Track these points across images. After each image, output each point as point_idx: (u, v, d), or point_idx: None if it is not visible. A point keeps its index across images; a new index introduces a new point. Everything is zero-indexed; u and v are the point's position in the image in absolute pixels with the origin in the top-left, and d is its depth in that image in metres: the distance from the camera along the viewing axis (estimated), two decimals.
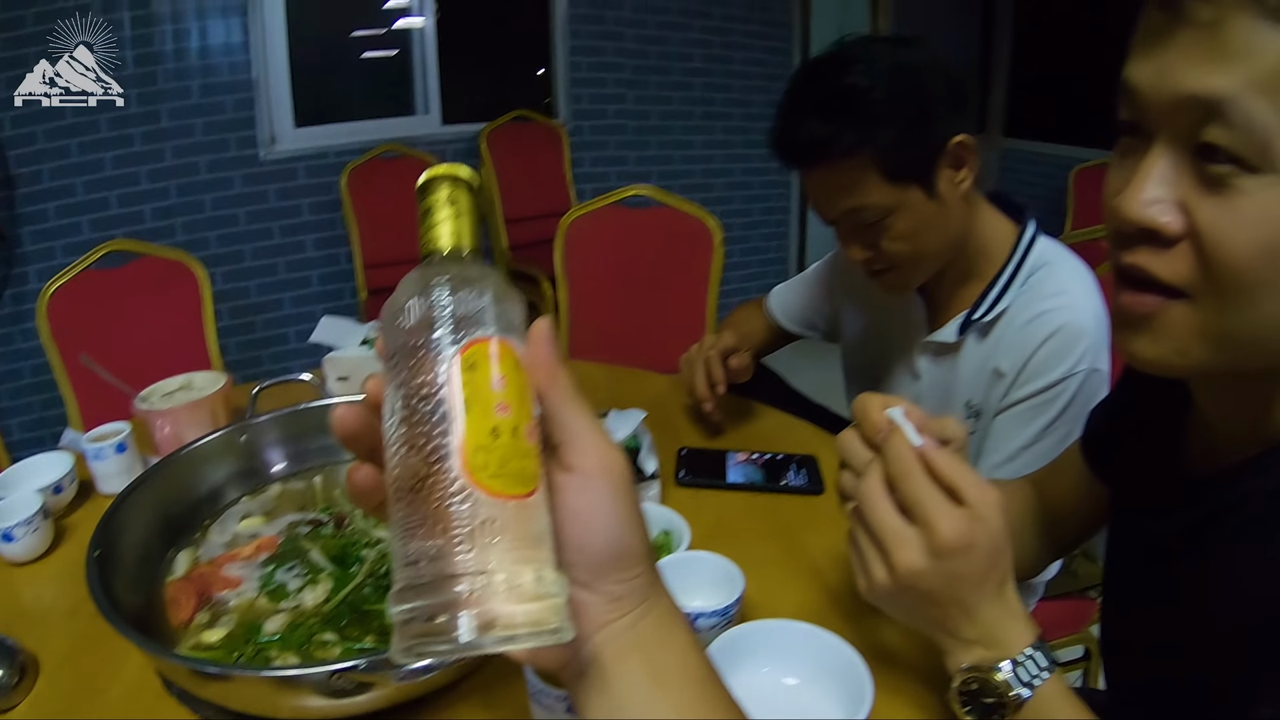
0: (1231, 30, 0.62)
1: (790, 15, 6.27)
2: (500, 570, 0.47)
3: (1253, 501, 0.76)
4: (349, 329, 1.90)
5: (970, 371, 1.61)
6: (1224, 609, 0.78)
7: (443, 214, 0.57)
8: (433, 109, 4.87)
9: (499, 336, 0.52)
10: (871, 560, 0.79)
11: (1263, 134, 0.61)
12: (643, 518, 0.58)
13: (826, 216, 1.54)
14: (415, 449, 0.49)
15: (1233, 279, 0.65)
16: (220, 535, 1.18)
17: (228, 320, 4.06)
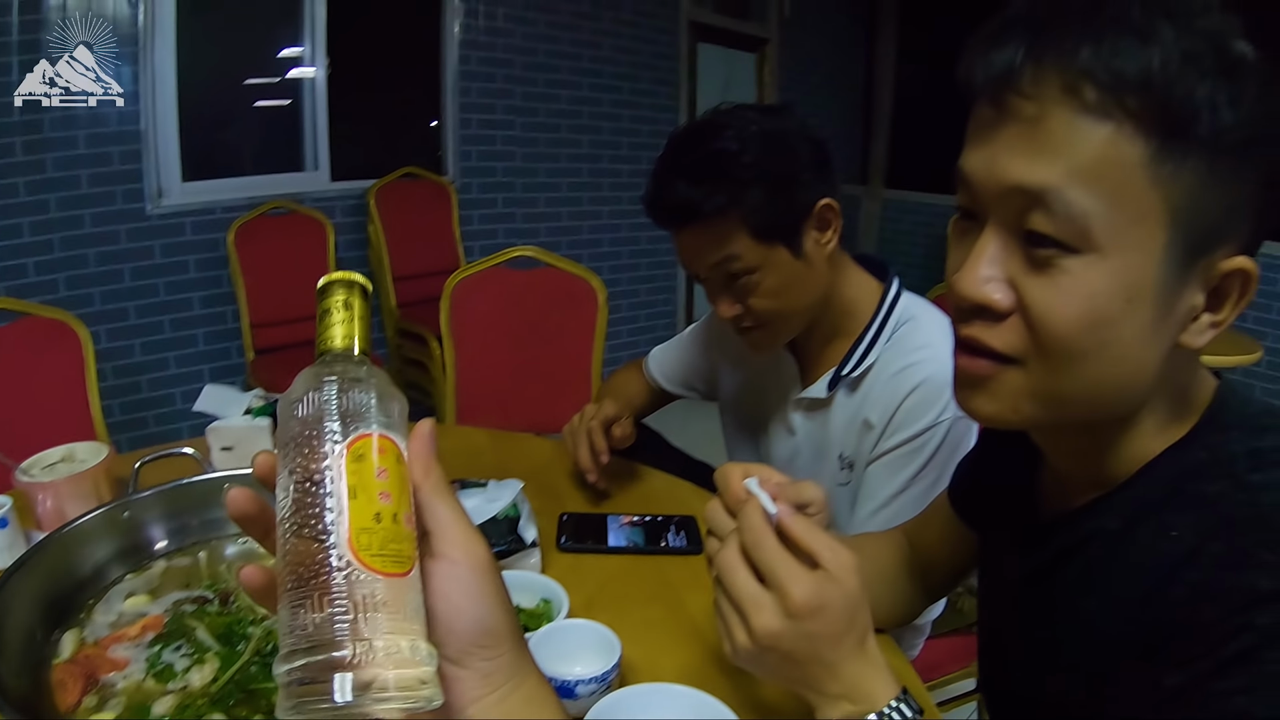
0: (1052, 125, 0.70)
1: (677, 74, 6.39)
2: (378, 638, 0.52)
3: (1093, 542, 0.86)
4: (233, 398, 1.91)
5: (842, 424, 1.68)
6: (1072, 641, 0.88)
7: (337, 317, 0.63)
8: (322, 165, 4.82)
9: (381, 432, 0.59)
10: (733, 624, 0.82)
11: (1082, 220, 0.70)
12: (507, 600, 0.64)
13: (697, 273, 1.60)
14: (306, 528, 0.54)
15: (1058, 348, 0.75)
16: (105, 615, 1.17)
17: (111, 380, 3.98)
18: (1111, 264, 0.71)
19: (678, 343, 2.16)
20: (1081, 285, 0.72)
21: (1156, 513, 0.80)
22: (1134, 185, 0.69)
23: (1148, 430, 0.83)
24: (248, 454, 1.75)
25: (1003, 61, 0.72)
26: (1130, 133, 0.68)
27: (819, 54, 7.79)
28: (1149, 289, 0.72)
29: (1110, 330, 0.73)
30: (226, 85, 4.60)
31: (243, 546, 1.35)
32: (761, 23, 7.23)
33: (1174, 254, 0.72)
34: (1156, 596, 0.76)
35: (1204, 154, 0.69)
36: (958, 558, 1.32)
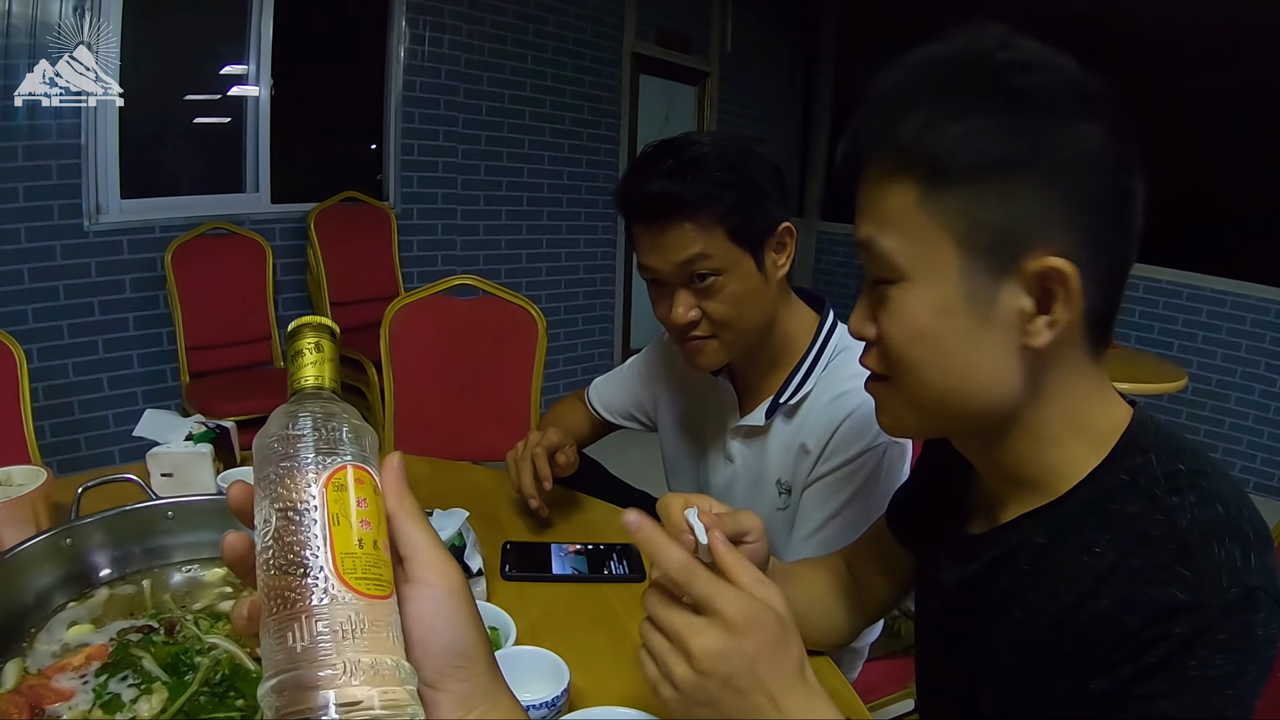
0: (863, 194, 0.94)
1: (619, 105, 6.45)
2: (364, 656, 0.54)
3: (1021, 555, 0.94)
4: (173, 423, 1.89)
5: (779, 451, 1.72)
6: (1003, 648, 0.94)
7: (309, 357, 0.65)
8: (262, 186, 4.79)
9: (357, 464, 0.62)
10: (670, 660, 0.82)
11: (891, 257, 0.89)
12: (480, 623, 0.66)
13: (659, 273, 1.60)
14: (291, 553, 0.56)
15: (900, 362, 0.92)
16: (48, 644, 1.16)
17: (43, 401, 3.88)
18: (918, 287, 0.88)
19: (619, 374, 2.19)
20: (901, 308, 0.89)
21: (1080, 530, 0.87)
22: (914, 221, 0.87)
23: (1049, 441, 0.92)
24: (188, 481, 1.75)
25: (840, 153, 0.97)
26: (902, 183, 0.87)
27: (758, 89, 7.92)
28: (958, 301, 0.86)
29: (933, 341, 0.89)
30: (169, 100, 4.56)
31: (187, 575, 1.35)
32: (703, 56, 7.32)
33: (973, 268, 0.85)
34: (1081, 608, 0.83)
35: (959, 186, 0.84)
36: (895, 580, 1.36)
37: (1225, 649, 0.75)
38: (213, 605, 1.27)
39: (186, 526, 1.38)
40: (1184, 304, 6.10)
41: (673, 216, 1.54)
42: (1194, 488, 0.82)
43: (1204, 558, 0.77)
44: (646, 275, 1.65)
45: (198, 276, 4.24)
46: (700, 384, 1.91)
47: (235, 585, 1.32)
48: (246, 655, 1.13)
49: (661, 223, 1.56)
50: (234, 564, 0.64)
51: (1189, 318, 6.10)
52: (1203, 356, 6.01)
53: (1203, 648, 0.75)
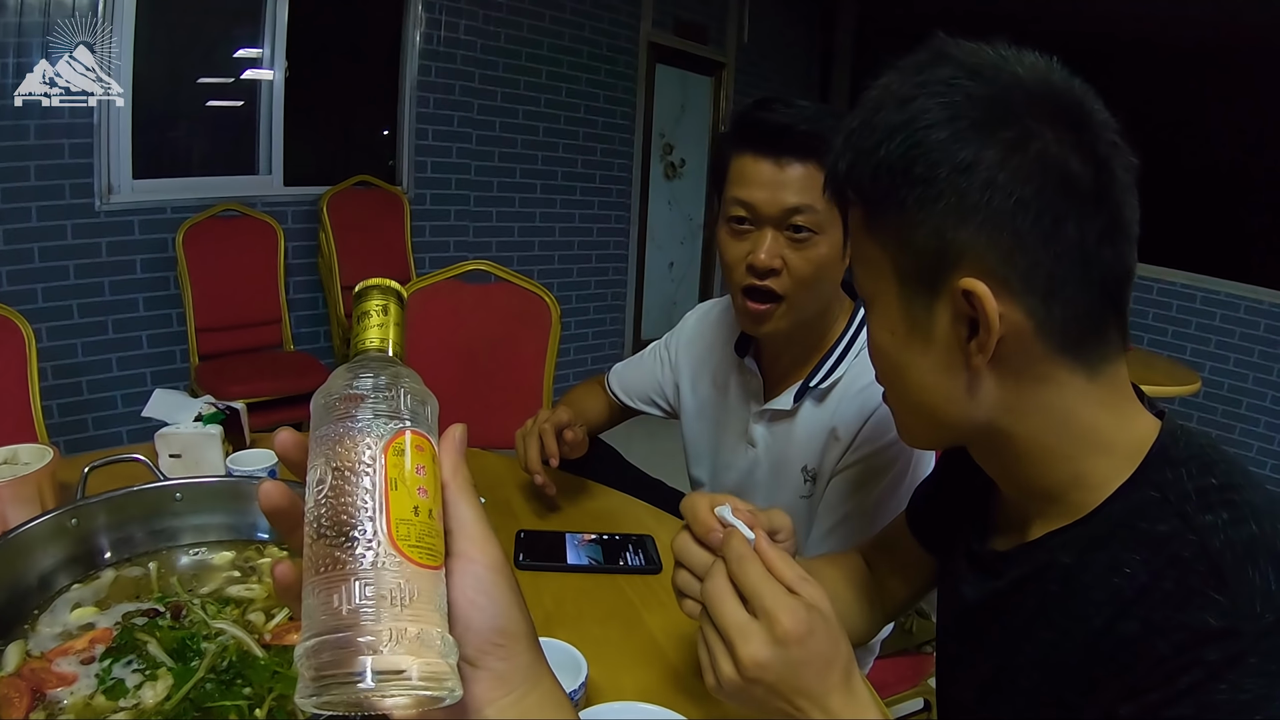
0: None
1: (634, 94, 6.43)
2: (410, 625, 0.52)
3: (1049, 574, 0.89)
4: (183, 403, 1.87)
5: (807, 436, 1.70)
6: (1029, 669, 0.91)
7: (375, 319, 0.64)
8: (275, 169, 4.78)
9: (416, 429, 0.59)
10: (719, 656, 0.82)
11: (857, 280, 0.95)
12: (523, 602, 0.64)
13: (764, 209, 1.54)
14: (345, 515, 0.55)
15: (879, 376, 0.97)
16: (51, 626, 1.13)
17: (51, 380, 3.91)
18: (875, 307, 0.93)
19: (639, 360, 2.16)
20: (868, 327, 0.96)
21: (1110, 549, 0.83)
22: (864, 246, 0.91)
23: (1065, 459, 0.88)
24: (197, 462, 1.72)
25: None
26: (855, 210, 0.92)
27: (775, 81, 7.88)
28: (900, 323, 0.88)
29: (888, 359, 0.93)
30: (183, 83, 4.54)
31: (195, 558, 1.32)
32: (719, 47, 7.29)
33: (907, 291, 0.87)
34: (1110, 630, 0.80)
35: (889, 214, 0.85)
36: (914, 580, 1.34)
37: (1256, 673, 0.71)
38: (220, 589, 1.24)
39: (194, 508, 1.36)
40: (1197, 308, 6.07)
41: (802, 155, 1.51)
42: (1226, 504, 0.79)
43: (1238, 582, 0.74)
44: (737, 211, 1.58)
45: (209, 258, 4.23)
46: (724, 367, 1.89)
47: (243, 569, 1.30)
48: (255, 642, 1.10)
49: (787, 157, 1.52)
50: (270, 513, 0.63)
51: (1203, 321, 6.07)
52: (1215, 361, 5.98)
53: (1233, 673, 0.72)
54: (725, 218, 1.61)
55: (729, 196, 1.59)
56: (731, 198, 1.58)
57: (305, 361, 4.39)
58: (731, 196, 1.58)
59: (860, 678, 0.84)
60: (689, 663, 1.27)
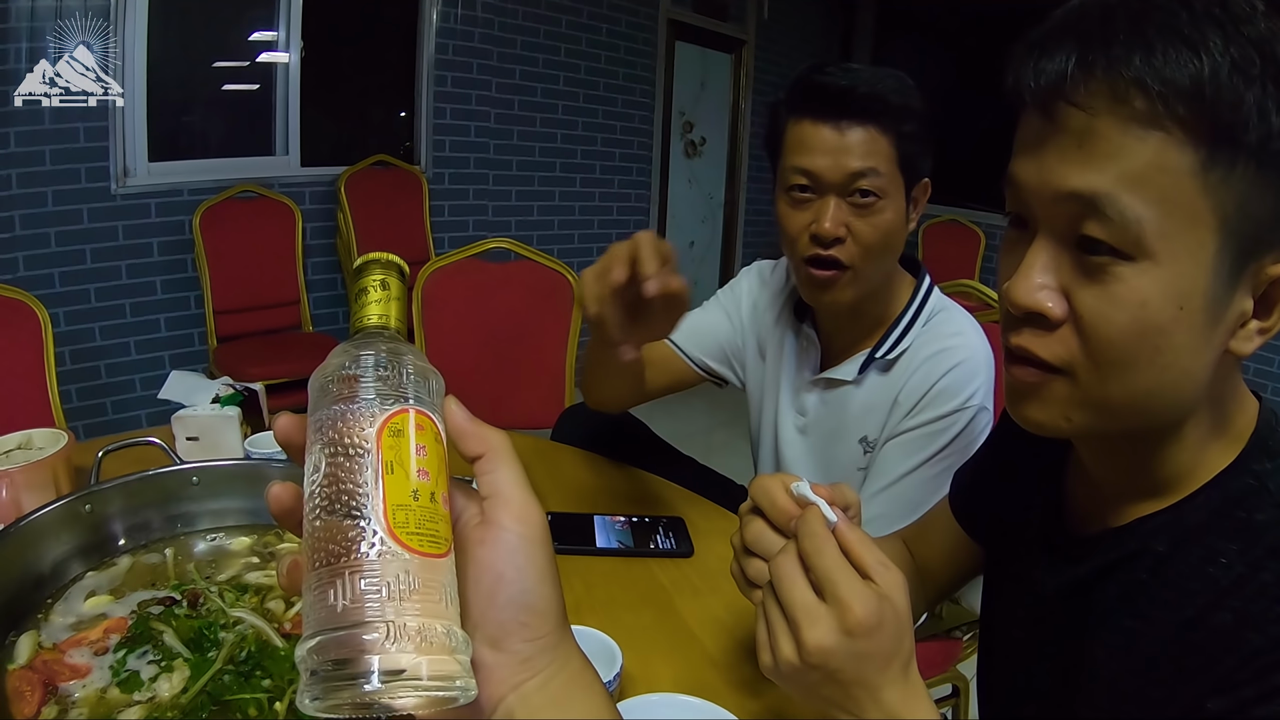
0: (1103, 133, 0.70)
1: (654, 72, 6.40)
2: (412, 620, 0.49)
3: (1139, 561, 0.84)
4: (199, 385, 1.85)
5: (869, 407, 1.67)
6: (1109, 658, 0.85)
7: (374, 295, 0.61)
8: (292, 149, 4.76)
9: (419, 408, 0.56)
10: (781, 637, 0.78)
11: (1135, 226, 0.70)
12: (556, 577, 0.60)
13: (826, 175, 1.48)
14: (338, 504, 0.51)
15: (1110, 357, 0.74)
16: (64, 615, 1.10)
17: (69, 365, 3.91)
18: (1164, 271, 0.71)
19: (699, 315, 1.95)
20: (1134, 293, 0.72)
21: (1204, 537, 0.79)
22: (1184, 192, 0.69)
23: (1192, 443, 0.82)
24: (214, 444, 1.69)
25: (1053, 71, 0.72)
26: (1180, 140, 0.68)
27: (795, 58, 7.79)
28: (1199, 296, 0.72)
29: (1162, 338, 0.73)
30: (198, 65, 4.51)
31: (212, 543, 1.29)
32: (739, 24, 7.23)
33: (1224, 260, 0.71)
34: (1202, 621, 0.76)
35: (1252, 161, 0.68)
36: (957, 566, 1.31)
37: None
38: (239, 576, 1.21)
39: (212, 493, 1.32)
40: None
41: (864, 119, 1.46)
42: None
43: None
44: (797, 180, 1.52)
45: (226, 240, 4.22)
46: (777, 331, 1.84)
47: (262, 555, 1.26)
48: (274, 631, 1.06)
49: (848, 121, 1.47)
50: (281, 517, 0.59)
51: None
52: None
53: None
54: (784, 187, 1.55)
55: (787, 165, 1.53)
56: (790, 166, 1.52)
57: (324, 343, 4.34)
58: (790, 165, 1.52)
59: (916, 671, 0.80)
60: (725, 651, 1.23)
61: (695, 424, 5.31)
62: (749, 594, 0.91)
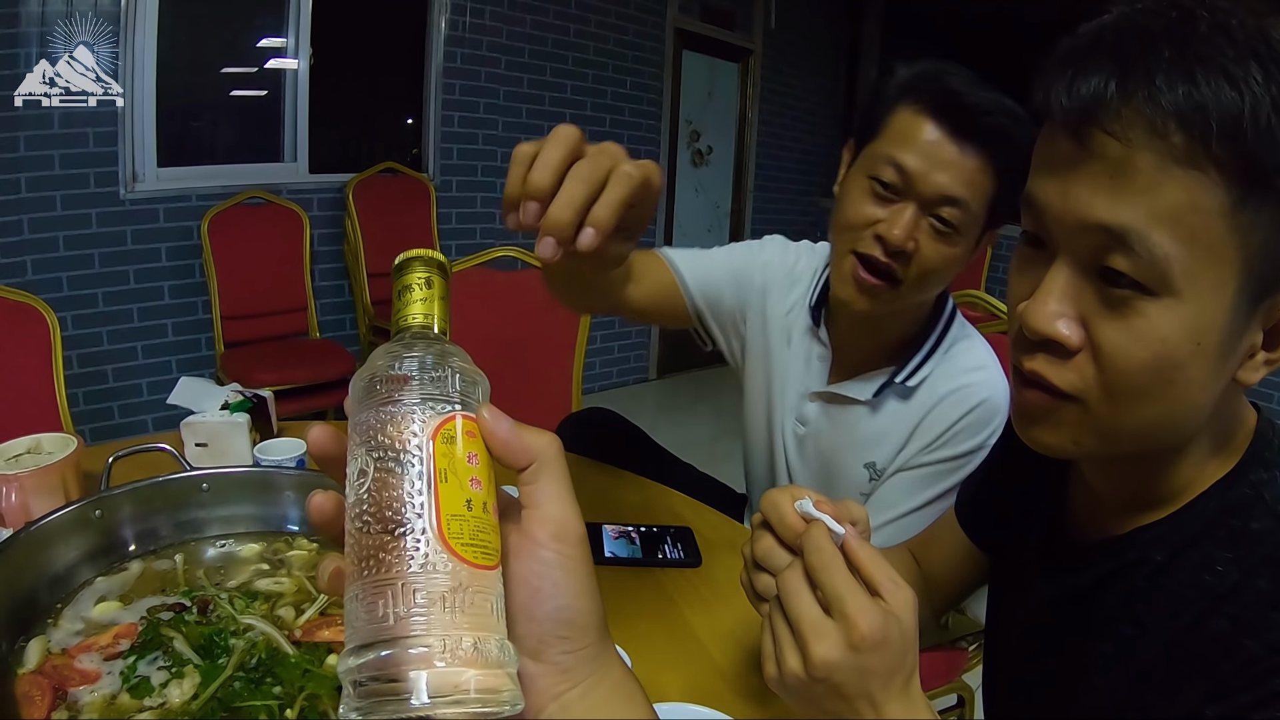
0: (1138, 167, 0.68)
1: (661, 80, 6.40)
2: (465, 635, 0.48)
3: (1136, 570, 0.85)
4: (209, 391, 1.85)
5: (883, 433, 1.61)
6: (1106, 667, 0.86)
7: (418, 294, 0.59)
8: (300, 156, 4.77)
9: (468, 414, 0.55)
10: (786, 649, 0.78)
11: (1163, 264, 0.69)
12: (595, 589, 0.59)
13: (919, 183, 1.35)
14: (390, 511, 0.50)
15: (1124, 389, 0.74)
16: (73, 621, 1.09)
17: (76, 369, 3.91)
18: (1186, 309, 0.70)
19: (706, 257, 1.79)
20: (1155, 329, 0.71)
21: (1202, 546, 0.80)
22: (1212, 232, 0.68)
23: (1193, 460, 0.83)
24: (224, 451, 1.69)
25: (1088, 94, 0.70)
26: (1214, 181, 0.67)
27: (802, 68, 7.81)
28: (1216, 332, 0.71)
29: (1177, 372, 0.72)
30: (207, 71, 4.53)
31: (222, 550, 1.28)
32: (746, 33, 7.22)
33: (1243, 298, 0.71)
34: (1199, 628, 0.77)
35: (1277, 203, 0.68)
36: (963, 576, 1.31)
37: None
38: (249, 583, 1.20)
39: (221, 499, 1.32)
40: None
41: (985, 147, 1.34)
42: None
43: None
44: (887, 173, 1.37)
45: (234, 245, 4.23)
46: (787, 323, 1.74)
47: (272, 562, 1.26)
48: (285, 639, 1.06)
49: (971, 142, 1.34)
50: (323, 527, 0.57)
51: None
52: None
53: None
54: (866, 173, 1.41)
55: (882, 152, 1.38)
56: (887, 155, 1.38)
57: (332, 349, 4.38)
58: (887, 154, 1.38)
59: (919, 685, 0.80)
60: (734, 662, 1.23)
61: (699, 433, 5.31)
62: (757, 606, 0.91)
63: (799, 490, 0.87)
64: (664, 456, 2.15)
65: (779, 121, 7.68)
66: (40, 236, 3.88)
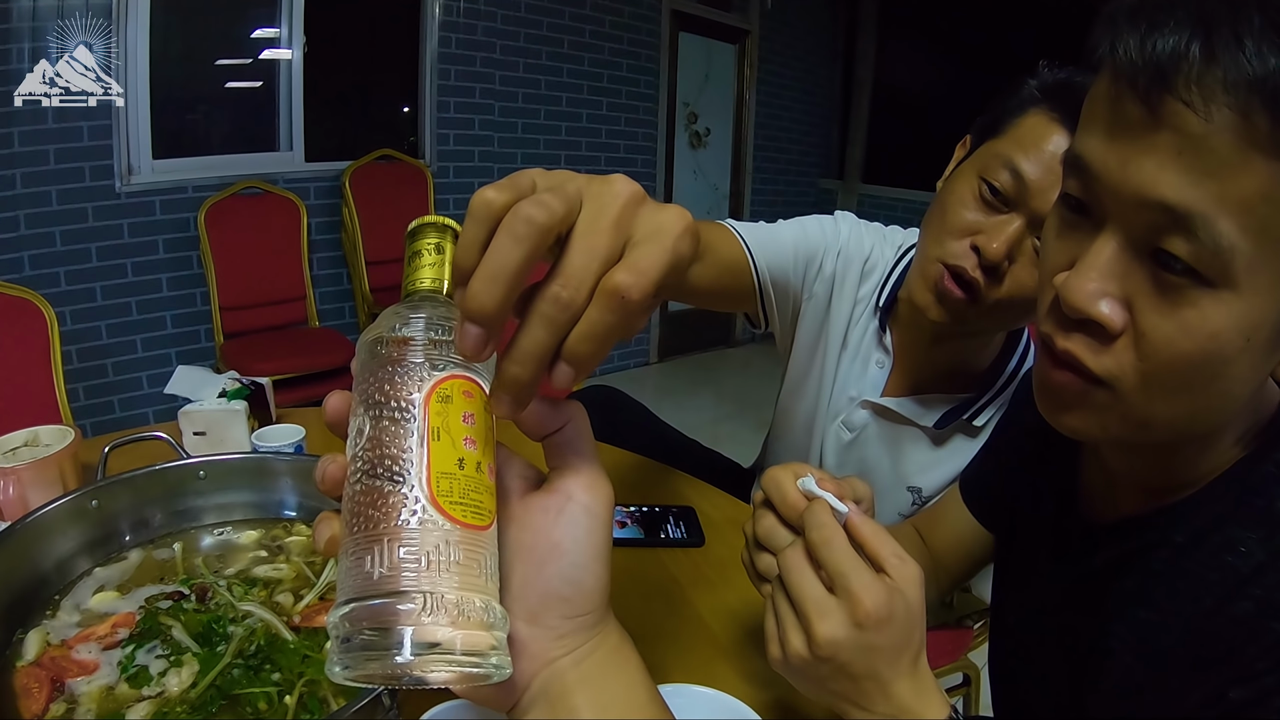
0: (1213, 146, 0.60)
1: (658, 63, 6.39)
2: (451, 593, 0.48)
3: (1156, 552, 0.82)
4: (206, 379, 1.84)
5: (937, 463, 1.53)
6: (1123, 649, 0.84)
7: (428, 259, 0.59)
8: (296, 145, 4.75)
9: (469, 375, 0.54)
10: (790, 629, 0.77)
11: (1226, 254, 0.61)
12: (608, 560, 0.58)
13: (1032, 196, 1.21)
14: (380, 468, 0.50)
15: (1165, 380, 0.68)
16: (71, 612, 1.09)
17: (76, 363, 3.92)
18: (1241, 304, 0.64)
19: (771, 232, 1.58)
20: (1207, 322, 0.65)
21: (1224, 526, 0.77)
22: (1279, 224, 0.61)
23: (1221, 445, 0.79)
24: (221, 439, 1.68)
25: (1164, 53, 0.61)
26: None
27: (799, 48, 7.79)
28: (1267, 328, 0.66)
29: (1223, 368, 0.67)
30: (201, 63, 4.51)
31: (219, 538, 1.27)
32: (743, 14, 7.20)
33: None
34: (1221, 610, 0.74)
35: None
36: (969, 554, 1.30)
37: None
38: (247, 570, 1.20)
39: (219, 486, 1.30)
40: None
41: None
42: None
43: None
44: (1002, 178, 1.24)
45: (231, 236, 4.23)
46: (850, 323, 1.60)
47: (270, 548, 1.25)
48: (283, 625, 1.05)
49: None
50: (332, 492, 0.56)
51: None
52: None
53: None
54: (978, 171, 1.28)
55: (1002, 152, 1.25)
56: (1005, 157, 1.24)
57: (331, 337, 4.37)
58: (1006, 155, 1.24)
59: (926, 663, 0.79)
60: (737, 642, 1.22)
61: (700, 416, 5.30)
62: (759, 586, 0.90)
63: (801, 467, 0.86)
64: (669, 433, 2.13)
65: (777, 103, 7.66)
66: (37, 232, 3.87)
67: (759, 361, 7.27)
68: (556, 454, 0.58)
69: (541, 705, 0.56)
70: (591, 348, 0.51)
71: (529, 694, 0.56)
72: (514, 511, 0.57)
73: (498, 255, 0.49)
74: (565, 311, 0.50)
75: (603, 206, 0.53)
